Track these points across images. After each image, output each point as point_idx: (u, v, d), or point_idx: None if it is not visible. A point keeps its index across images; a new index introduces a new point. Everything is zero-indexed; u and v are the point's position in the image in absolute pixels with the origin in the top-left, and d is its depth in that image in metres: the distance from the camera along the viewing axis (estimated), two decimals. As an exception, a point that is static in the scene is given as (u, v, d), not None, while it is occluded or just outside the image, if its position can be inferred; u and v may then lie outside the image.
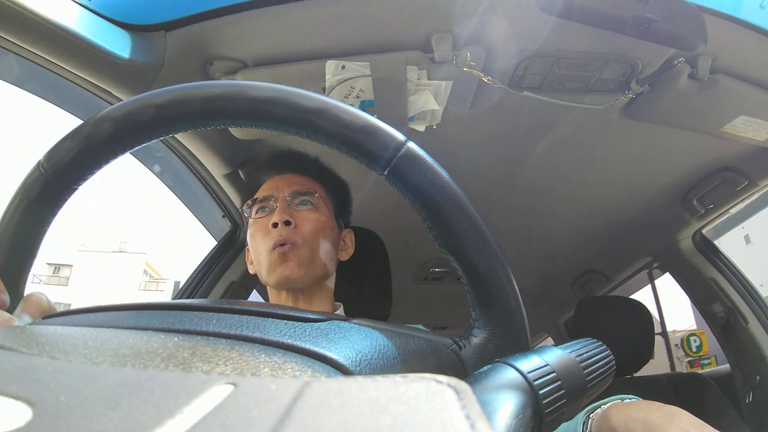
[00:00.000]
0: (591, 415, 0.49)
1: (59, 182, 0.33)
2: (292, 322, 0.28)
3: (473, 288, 0.30)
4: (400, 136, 0.30)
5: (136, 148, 0.33)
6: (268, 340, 0.25)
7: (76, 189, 0.34)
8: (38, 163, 0.33)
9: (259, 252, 0.73)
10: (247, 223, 0.79)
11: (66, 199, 0.34)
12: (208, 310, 0.30)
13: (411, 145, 0.29)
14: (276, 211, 0.73)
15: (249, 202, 0.78)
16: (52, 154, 0.33)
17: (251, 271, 0.81)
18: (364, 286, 0.92)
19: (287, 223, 0.71)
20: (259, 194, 0.78)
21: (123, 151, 0.33)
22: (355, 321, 0.30)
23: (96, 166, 0.33)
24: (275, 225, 0.71)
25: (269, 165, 0.82)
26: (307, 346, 0.25)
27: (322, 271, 0.75)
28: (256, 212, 0.76)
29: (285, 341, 0.25)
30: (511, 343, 0.29)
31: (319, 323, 0.28)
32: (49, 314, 0.33)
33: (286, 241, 0.70)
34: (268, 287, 0.78)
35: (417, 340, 0.30)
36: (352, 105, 0.30)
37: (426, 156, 0.29)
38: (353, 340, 0.27)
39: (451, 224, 0.29)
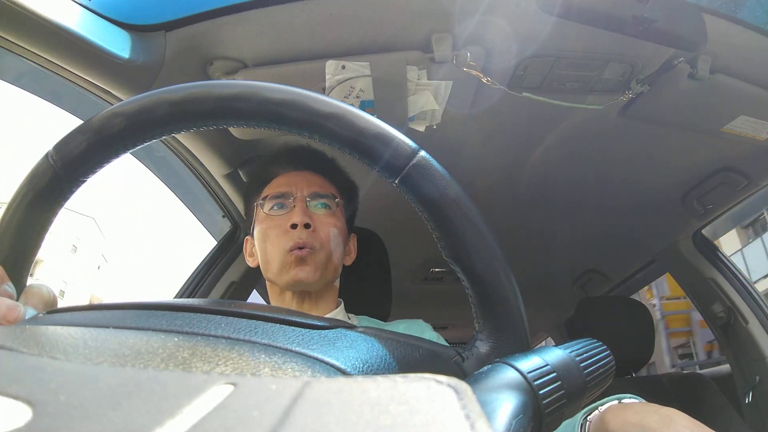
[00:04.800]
0: (588, 417, 0.49)
1: (68, 174, 0.33)
2: (299, 329, 0.28)
3: (479, 300, 0.30)
4: (413, 145, 0.30)
5: (147, 143, 0.33)
6: (275, 346, 0.25)
7: (84, 182, 0.34)
8: (47, 155, 0.33)
9: (270, 250, 0.71)
10: (253, 216, 0.77)
11: (73, 192, 0.34)
12: (216, 312, 0.30)
13: (423, 154, 0.30)
14: (295, 212, 0.71)
15: (264, 196, 0.75)
16: (61, 145, 0.33)
17: (252, 265, 0.79)
18: (364, 286, 0.92)
19: (307, 225, 0.70)
20: (275, 189, 0.75)
21: (134, 146, 0.33)
22: (360, 329, 0.30)
23: (106, 159, 0.33)
24: (293, 226, 0.70)
25: (286, 159, 0.79)
26: (313, 353, 0.25)
27: (333, 276, 0.75)
28: (271, 208, 0.74)
29: (292, 348, 0.25)
30: (512, 345, 0.29)
31: (325, 330, 0.28)
32: (53, 309, 0.33)
33: (305, 244, 0.69)
34: (269, 285, 0.77)
35: (421, 351, 0.30)
36: (359, 108, 0.30)
37: (438, 166, 0.30)
38: (359, 348, 0.27)
39: (459, 236, 0.29)
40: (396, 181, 0.30)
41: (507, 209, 1.42)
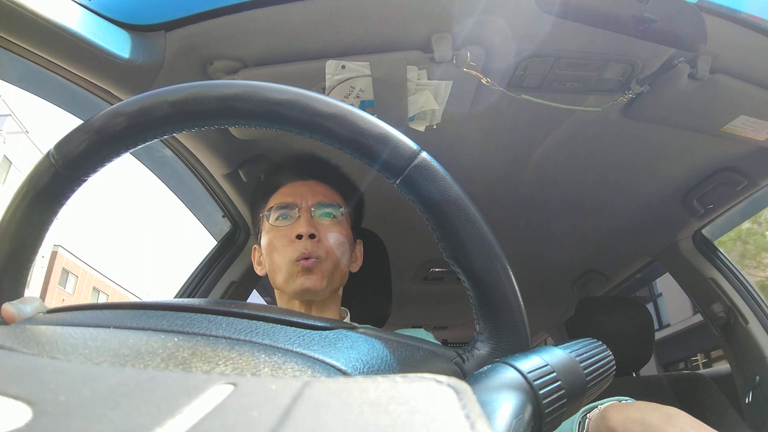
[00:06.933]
0: (588, 415, 0.49)
1: (69, 173, 0.33)
2: (300, 330, 0.28)
3: (479, 301, 0.30)
4: (415, 146, 0.30)
5: (148, 143, 0.33)
6: (275, 346, 0.25)
7: (85, 180, 0.34)
8: (48, 154, 0.33)
9: (276, 260, 0.72)
10: (259, 225, 0.78)
11: (74, 191, 0.35)
12: (216, 312, 0.30)
13: (425, 155, 0.30)
14: (300, 222, 0.72)
15: (270, 207, 0.75)
16: (63, 144, 0.33)
17: (260, 273, 0.80)
18: (364, 286, 0.92)
19: (312, 236, 0.71)
20: (280, 200, 0.75)
21: (134, 146, 0.33)
22: (361, 330, 0.30)
23: (107, 158, 0.33)
24: (299, 236, 0.71)
25: (290, 169, 0.79)
26: (314, 354, 0.25)
27: (339, 283, 0.76)
28: (276, 218, 0.74)
29: (292, 348, 0.25)
30: (512, 345, 0.29)
31: (326, 331, 0.28)
32: (53, 309, 0.33)
33: (310, 255, 0.70)
34: (278, 294, 0.77)
35: (421, 352, 0.30)
36: (359, 108, 0.30)
37: (439, 167, 0.30)
38: (359, 349, 0.27)
39: (460, 237, 0.29)
40: (397, 182, 0.30)
41: (507, 209, 1.42)
